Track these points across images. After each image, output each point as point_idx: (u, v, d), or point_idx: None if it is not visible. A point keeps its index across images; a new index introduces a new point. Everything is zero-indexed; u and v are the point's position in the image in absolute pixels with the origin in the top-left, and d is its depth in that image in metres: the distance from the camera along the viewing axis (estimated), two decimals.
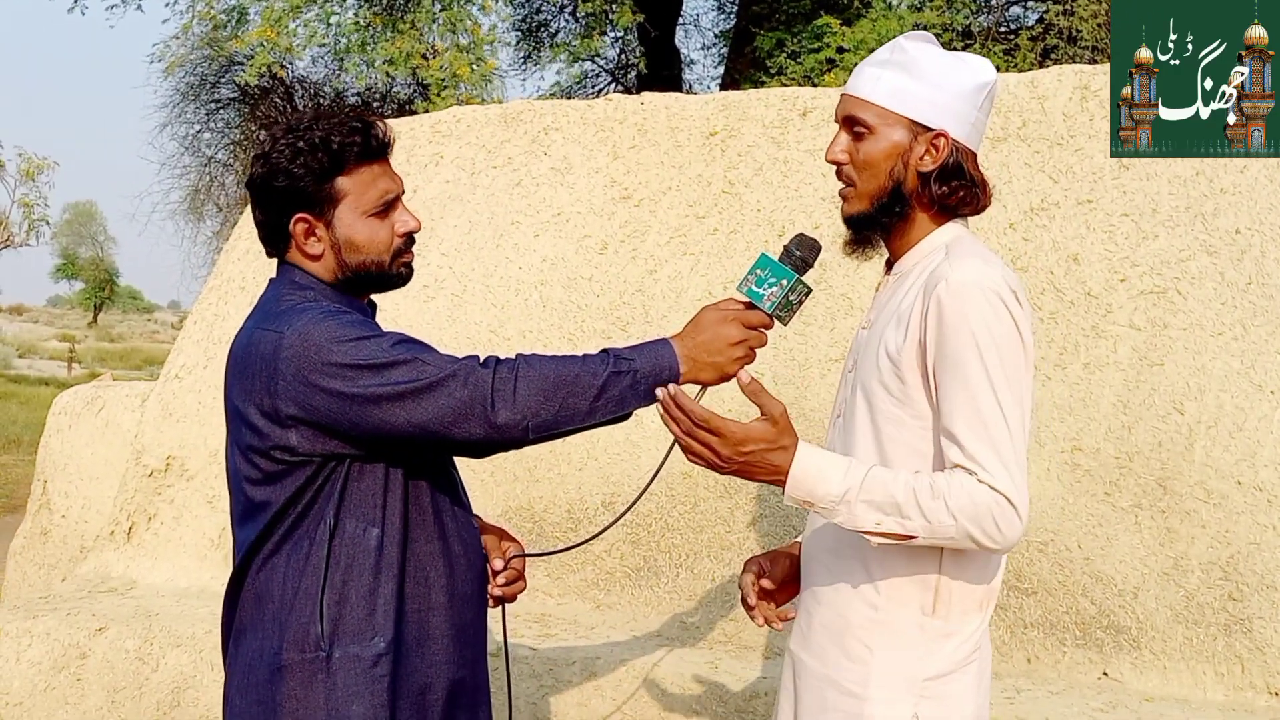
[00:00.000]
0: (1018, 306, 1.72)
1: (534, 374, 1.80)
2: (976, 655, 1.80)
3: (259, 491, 1.87)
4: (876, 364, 1.81)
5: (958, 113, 1.82)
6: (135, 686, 3.56)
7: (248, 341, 1.89)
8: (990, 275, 1.71)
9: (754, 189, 3.88)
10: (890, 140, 1.83)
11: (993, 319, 1.69)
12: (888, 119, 1.83)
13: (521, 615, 3.56)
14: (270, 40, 9.55)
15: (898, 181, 1.83)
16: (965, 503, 1.66)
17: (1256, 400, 3.06)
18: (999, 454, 1.67)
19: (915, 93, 1.81)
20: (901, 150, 1.82)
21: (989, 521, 1.66)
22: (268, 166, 1.91)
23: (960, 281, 1.71)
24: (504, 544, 2.10)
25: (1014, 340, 1.71)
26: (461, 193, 4.32)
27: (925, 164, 1.82)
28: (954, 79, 1.82)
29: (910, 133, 1.82)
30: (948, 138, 1.81)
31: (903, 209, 1.85)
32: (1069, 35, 8.41)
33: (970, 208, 1.86)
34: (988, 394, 1.68)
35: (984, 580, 1.80)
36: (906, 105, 1.82)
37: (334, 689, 1.83)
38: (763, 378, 3.59)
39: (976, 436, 1.68)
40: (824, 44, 8.47)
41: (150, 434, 4.32)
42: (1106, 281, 3.30)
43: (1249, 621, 2.94)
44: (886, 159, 1.83)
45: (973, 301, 1.70)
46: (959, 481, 1.68)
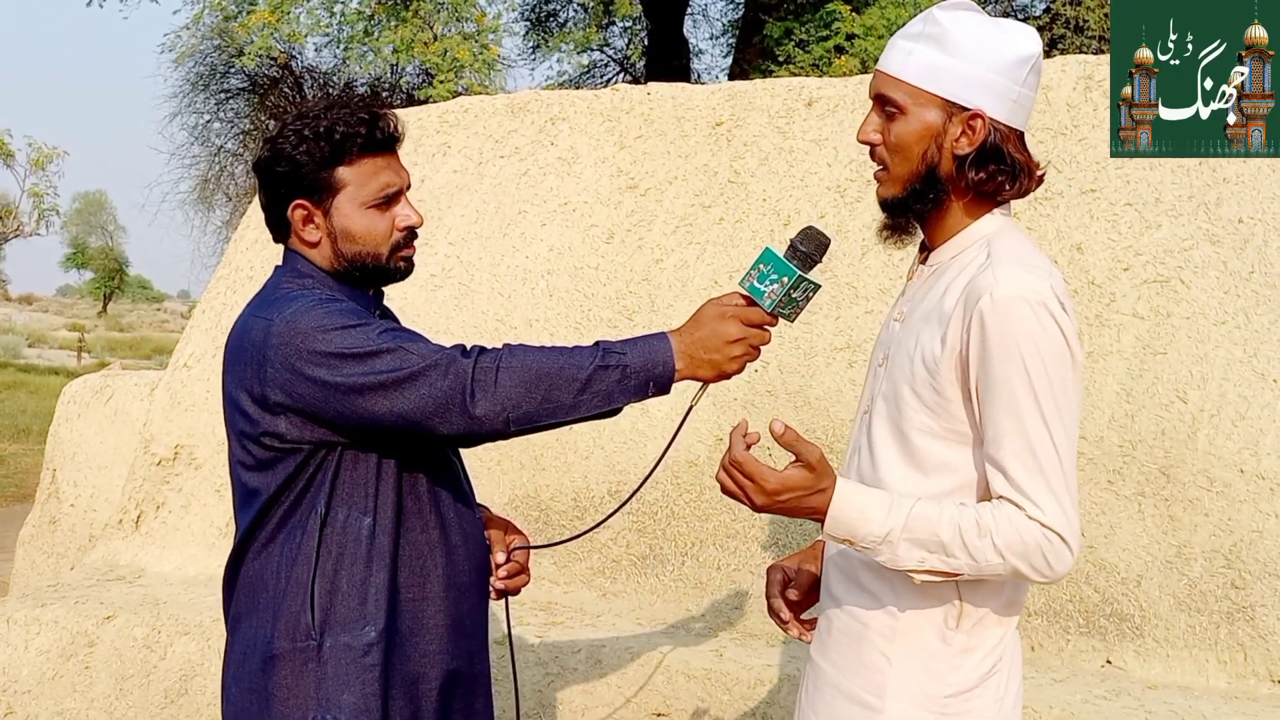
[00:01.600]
0: (1065, 317, 1.61)
1: (516, 365, 1.78)
2: (999, 668, 1.72)
3: (252, 478, 1.88)
4: (910, 369, 1.70)
5: (997, 89, 1.67)
6: (143, 674, 3.59)
7: (242, 328, 1.90)
8: (1037, 286, 1.60)
9: (759, 179, 3.88)
10: (923, 121, 1.69)
11: (1041, 336, 1.59)
12: (919, 98, 1.69)
13: (527, 604, 3.58)
14: (271, 25, 9.56)
15: (931, 165, 1.70)
16: (1014, 539, 1.59)
17: (1259, 389, 3.06)
18: (1049, 485, 1.59)
19: (949, 69, 1.67)
20: (935, 132, 1.69)
21: (1039, 558, 1.59)
22: (273, 151, 1.93)
23: (1005, 296, 1.59)
24: (509, 536, 2.10)
25: (1063, 357, 1.60)
26: (469, 182, 4.33)
27: (961, 146, 1.69)
28: (992, 52, 1.67)
29: (944, 113, 1.69)
30: (985, 118, 1.67)
31: (938, 195, 1.72)
32: (1076, 25, 8.39)
33: (1012, 192, 1.72)
34: (1037, 421, 1.59)
35: (1009, 593, 1.73)
36: (939, 83, 1.68)
37: (325, 678, 1.83)
38: (767, 367, 3.60)
39: (1024, 467, 1.60)
40: (833, 31, 8.46)
41: (159, 423, 4.34)
42: (1110, 270, 3.30)
43: (1251, 609, 2.94)
44: (919, 141, 1.70)
45: (1020, 318, 1.59)
46: (1006, 516, 1.59)
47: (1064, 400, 1.61)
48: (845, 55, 8.18)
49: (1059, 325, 1.60)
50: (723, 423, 3.63)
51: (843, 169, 3.76)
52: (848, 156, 3.77)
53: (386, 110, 1.95)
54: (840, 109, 3.87)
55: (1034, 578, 1.61)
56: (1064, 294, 1.64)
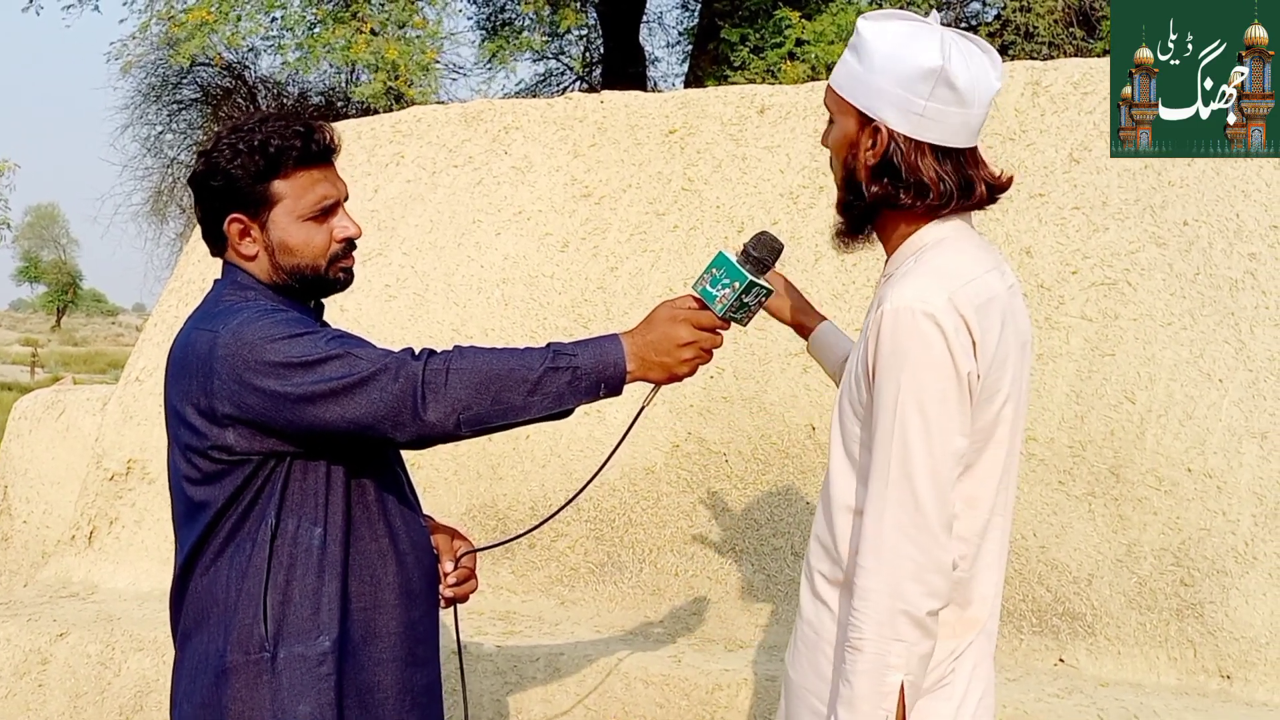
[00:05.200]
0: (956, 329, 1.59)
1: (466, 366, 1.78)
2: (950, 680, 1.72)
3: (199, 491, 1.87)
4: (849, 381, 1.73)
5: (898, 102, 1.65)
6: (97, 691, 3.54)
7: (185, 341, 1.89)
8: (928, 298, 1.59)
9: (713, 186, 3.90)
10: (844, 130, 1.72)
11: (917, 348, 1.59)
12: (842, 106, 1.72)
13: (486, 613, 3.57)
14: (209, 24, 9.46)
15: (850, 172, 1.73)
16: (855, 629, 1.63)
17: (1205, 388, 3.11)
18: (883, 500, 1.61)
19: (862, 79, 1.68)
20: (851, 140, 1.71)
21: (897, 639, 1.61)
22: (207, 165, 1.92)
23: (894, 307, 1.60)
24: (455, 543, 2.10)
25: (941, 368, 1.59)
26: (422, 192, 4.32)
27: (869, 158, 1.70)
28: (895, 65, 1.65)
29: (859, 123, 1.70)
30: (885, 130, 1.67)
31: (863, 204, 1.73)
32: (1026, 31, 8.50)
33: (923, 206, 1.69)
34: (896, 433, 1.60)
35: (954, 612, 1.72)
36: (854, 93, 1.69)
37: (279, 689, 1.82)
38: (723, 373, 3.62)
39: (876, 477, 1.63)
40: (784, 37, 8.52)
41: (111, 437, 4.29)
42: (1058, 274, 3.34)
43: (1200, 606, 2.99)
44: (839, 150, 1.74)
45: (902, 329, 1.59)
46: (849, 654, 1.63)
47: (937, 412, 1.59)
48: (795, 61, 8.24)
49: (944, 336, 1.58)
50: (678, 429, 3.64)
51: (795, 175, 3.79)
52: (800, 163, 3.80)
53: (322, 122, 1.95)
54: (792, 116, 3.90)
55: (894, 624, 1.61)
56: (973, 305, 1.62)
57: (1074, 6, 8.74)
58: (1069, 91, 3.53)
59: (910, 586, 1.61)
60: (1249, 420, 3.06)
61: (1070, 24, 8.75)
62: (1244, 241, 3.20)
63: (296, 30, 9.95)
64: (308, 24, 9.95)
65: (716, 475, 3.57)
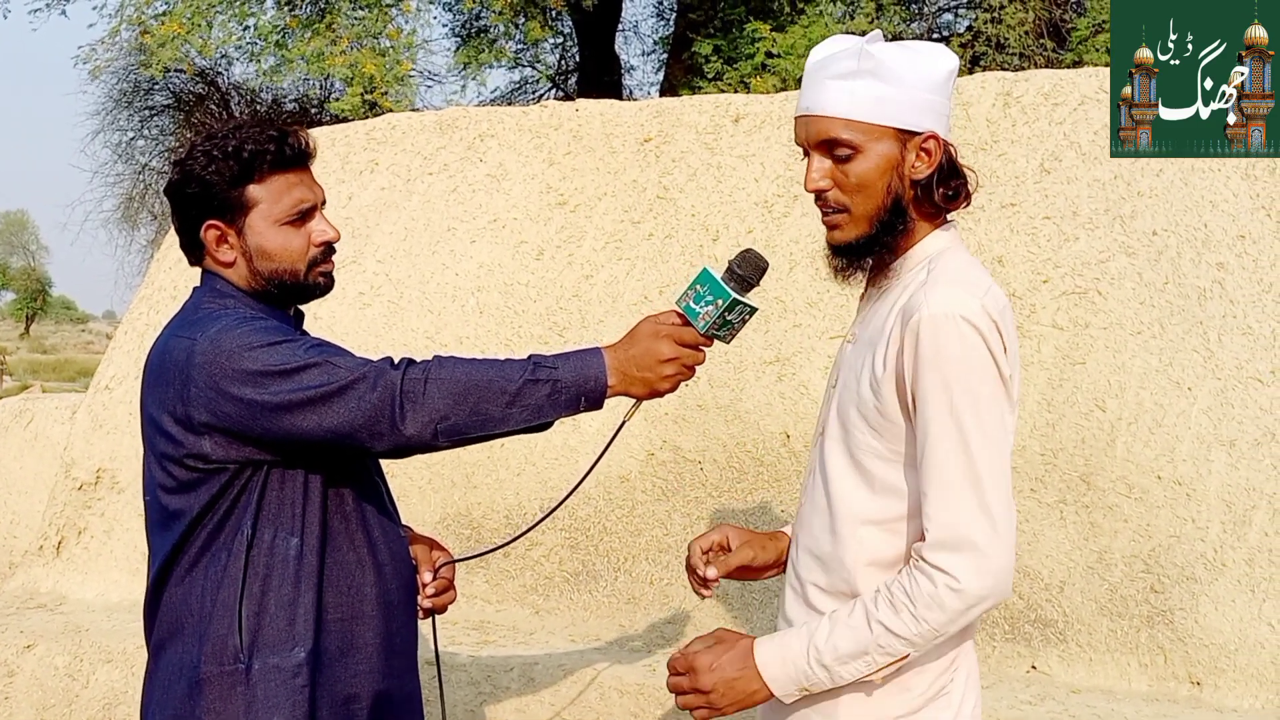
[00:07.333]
0: (995, 334, 1.64)
1: (445, 376, 1.77)
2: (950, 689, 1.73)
3: (174, 500, 1.85)
4: (858, 391, 1.72)
5: (936, 108, 1.72)
6: (65, 704, 3.51)
7: (163, 349, 1.88)
8: (966, 304, 1.62)
9: (688, 194, 3.91)
10: (881, 155, 1.71)
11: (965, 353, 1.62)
12: (873, 133, 1.70)
13: (460, 623, 3.56)
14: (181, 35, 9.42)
15: (896, 196, 1.72)
16: (931, 609, 1.61)
17: (1175, 397, 3.14)
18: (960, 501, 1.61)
19: (895, 98, 1.70)
20: (894, 163, 1.71)
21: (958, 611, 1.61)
22: (182, 173, 1.91)
23: (933, 314, 1.62)
24: (434, 553, 2.10)
25: (987, 373, 1.63)
26: (397, 199, 4.31)
27: (919, 171, 1.72)
28: (926, 75, 1.71)
29: (898, 142, 1.71)
30: (938, 138, 1.72)
31: (905, 224, 1.74)
32: (997, 43, 8.57)
33: (965, 201, 1.76)
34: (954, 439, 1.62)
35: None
36: (889, 114, 1.70)
37: (254, 701, 1.81)
38: (698, 381, 3.62)
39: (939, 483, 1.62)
40: (755, 49, 8.56)
41: (80, 446, 4.25)
42: (1030, 283, 3.37)
43: (1170, 613, 3.02)
44: (882, 175, 1.72)
45: (945, 336, 1.61)
46: (909, 586, 1.62)
47: (988, 415, 1.62)
48: (766, 73, 8.27)
49: (985, 341, 1.62)
50: (654, 437, 3.64)
51: (770, 184, 3.81)
52: (774, 172, 3.82)
53: (296, 127, 1.94)
54: (767, 125, 3.92)
55: (975, 617, 1.63)
56: (999, 311, 1.66)
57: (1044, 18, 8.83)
58: (1040, 102, 3.56)
59: (1002, 584, 1.63)
60: (1218, 428, 3.09)
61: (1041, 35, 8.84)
62: (1212, 251, 3.23)
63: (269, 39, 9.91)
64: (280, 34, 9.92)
65: (691, 483, 3.57)
